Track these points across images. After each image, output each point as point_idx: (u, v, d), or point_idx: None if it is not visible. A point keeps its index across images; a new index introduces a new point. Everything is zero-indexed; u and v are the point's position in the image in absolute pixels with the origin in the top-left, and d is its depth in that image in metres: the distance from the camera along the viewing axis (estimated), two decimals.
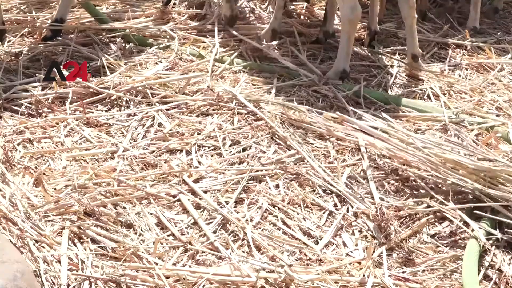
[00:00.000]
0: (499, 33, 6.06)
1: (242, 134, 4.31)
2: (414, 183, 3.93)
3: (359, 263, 3.40)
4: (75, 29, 5.58)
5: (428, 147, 4.03)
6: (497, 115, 4.71)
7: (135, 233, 3.52)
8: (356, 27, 5.09)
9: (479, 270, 3.37)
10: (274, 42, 5.52)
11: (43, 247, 3.37)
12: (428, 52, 5.62)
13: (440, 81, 5.12)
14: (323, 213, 3.74)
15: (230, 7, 5.70)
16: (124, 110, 4.60)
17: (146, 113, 4.52)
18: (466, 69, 5.39)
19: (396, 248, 3.52)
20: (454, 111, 4.66)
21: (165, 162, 4.03)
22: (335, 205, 3.78)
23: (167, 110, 4.56)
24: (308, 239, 3.56)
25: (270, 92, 4.81)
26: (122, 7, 6.22)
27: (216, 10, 5.93)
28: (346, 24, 4.93)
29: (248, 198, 3.80)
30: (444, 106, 4.75)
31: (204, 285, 3.19)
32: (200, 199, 3.75)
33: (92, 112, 4.56)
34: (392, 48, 5.65)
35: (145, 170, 3.99)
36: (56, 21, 5.56)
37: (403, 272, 3.38)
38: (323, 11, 5.69)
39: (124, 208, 3.67)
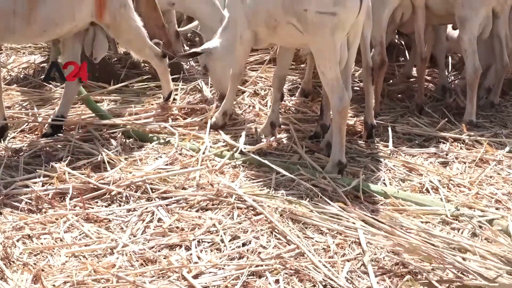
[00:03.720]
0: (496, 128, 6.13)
1: (241, 229, 4.30)
2: (416, 276, 3.89)
3: None
4: (77, 125, 5.64)
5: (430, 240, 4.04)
6: (497, 208, 4.71)
7: None
8: (347, 117, 5.14)
9: None
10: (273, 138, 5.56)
11: None
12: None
13: (439, 174, 5.15)
14: None
15: (223, 119, 5.80)
16: (123, 205, 4.60)
17: (146, 208, 4.52)
18: (464, 163, 5.42)
19: None
20: (454, 204, 4.66)
21: (164, 258, 4.00)
22: None
23: (166, 205, 4.56)
24: None
25: (270, 187, 4.82)
26: (123, 103, 6.31)
27: (213, 106, 6.00)
28: (336, 115, 4.98)
29: None
30: (443, 199, 4.75)
31: None
32: None
33: (92, 208, 4.56)
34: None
35: (145, 266, 3.97)
36: (57, 117, 5.64)
37: None
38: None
39: None
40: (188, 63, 7.19)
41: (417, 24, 6.30)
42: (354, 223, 4.32)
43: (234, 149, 5.35)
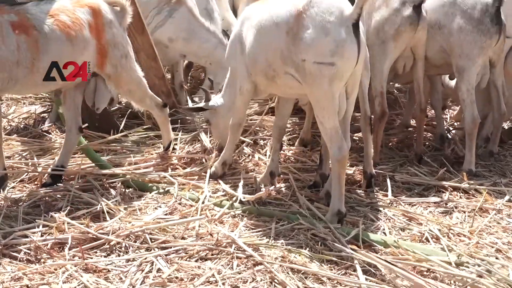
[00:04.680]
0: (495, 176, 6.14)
1: (241, 279, 4.28)
2: None
3: None
4: (76, 175, 5.65)
5: None
6: (497, 258, 4.69)
7: None
8: (346, 167, 5.14)
9: None
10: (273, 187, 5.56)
11: None
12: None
13: (439, 223, 5.14)
14: None
15: (222, 169, 5.81)
16: (123, 255, 4.58)
17: (145, 258, 4.51)
18: (464, 212, 5.42)
19: None
20: (455, 254, 4.64)
21: None
22: None
23: (166, 255, 4.54)
24: None
25: (269, 236, 4.81)
26: (123, 152, 6.33)
27: (212, 156, 6.01)
28: (335, 164, 4.99)
29: None
30: (444, 249, 4.73)
31: None
32: None
33: (91, 258, 4.55)
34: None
35: None
36: (57, 167, 5.65)
37: None
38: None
39: None
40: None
41: (416, 74, 6.32)
42: (355, 271, 4.32)
43: (234, 198, 5.35)
